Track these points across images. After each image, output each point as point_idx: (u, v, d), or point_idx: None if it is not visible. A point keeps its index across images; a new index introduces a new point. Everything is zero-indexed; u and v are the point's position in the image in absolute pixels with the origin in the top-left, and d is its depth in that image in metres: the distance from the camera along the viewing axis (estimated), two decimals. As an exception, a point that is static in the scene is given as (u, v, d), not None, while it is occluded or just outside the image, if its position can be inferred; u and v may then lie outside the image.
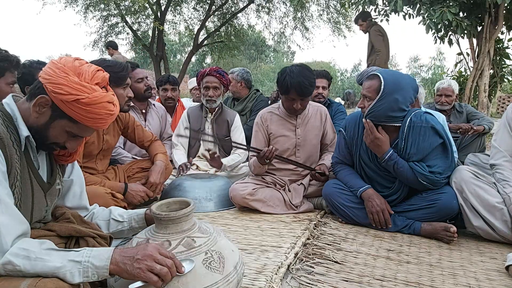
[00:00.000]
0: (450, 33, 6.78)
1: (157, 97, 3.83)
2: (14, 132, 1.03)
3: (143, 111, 3.01)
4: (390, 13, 6.80)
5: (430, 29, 6.17)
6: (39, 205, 1.11)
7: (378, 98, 1.90)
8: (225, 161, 2.82)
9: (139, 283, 0.95)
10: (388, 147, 1.97)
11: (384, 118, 1.94)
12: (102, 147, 2.16)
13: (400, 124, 1.97)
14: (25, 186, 1.05)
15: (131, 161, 2.50)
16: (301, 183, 2.47)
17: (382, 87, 1.89)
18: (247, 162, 3.01)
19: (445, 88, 3.40)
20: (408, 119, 1.95)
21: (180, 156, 2.92)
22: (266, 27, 13.46)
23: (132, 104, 2.91)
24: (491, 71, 6.89)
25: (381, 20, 6.92)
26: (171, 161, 3.01)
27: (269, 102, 3.67)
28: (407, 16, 6.84)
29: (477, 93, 6.81)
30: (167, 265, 0.95)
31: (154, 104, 3.10)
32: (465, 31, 6.08)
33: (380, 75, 1.92)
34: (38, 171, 1.11)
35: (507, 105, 12.44)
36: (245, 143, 2.99)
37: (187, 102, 4.76)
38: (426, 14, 6.05)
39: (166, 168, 2.38)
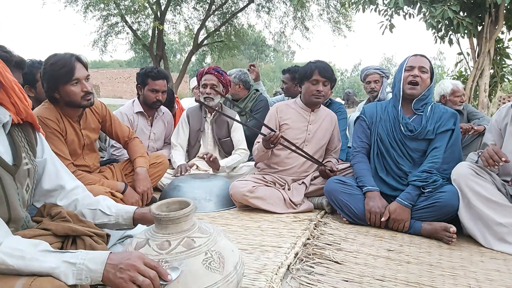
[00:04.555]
0: (450, 32, 6.77)
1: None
2: None
3: (150, 117, 3.01)
4: (393, 15, 6.77)
5: (431, 27, 6.16)
6: (11, 190, 1.07)
7: (432, 76, 2.14)
8: (223, 162, 2.82)
9: None
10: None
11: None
12: (84, 142, 2.14)
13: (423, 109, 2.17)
14: None
15: (126, 160, 2.50)
16: (303, 182, 2.48)
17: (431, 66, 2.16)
18: (247, 162, 3.02)
19: (460, 88, 3.38)
20: (431, 104, 2.18)
21: (178, 157, 2.92)
22: (266, 26, 13.50)
23: (141, 110, 2.91)
24: (492, 71, 6.88)
25: (386, 26, 6.88)
26: (170, 160, 3.01)
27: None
28: (407, 16, 6.83)
29: (478, 93, 6.80)
30: (150, 276, 0.93)
31: (163, 112, 3.10)
32: (466, 30, 6.08)
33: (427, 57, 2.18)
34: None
35: (496, 112, 12.49)
36: (245, 144, 2.99)
37: (187, 102, 4.76)
38: (427, 12, 6.05)
39: (158, 163, 2.46)
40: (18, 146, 1.13)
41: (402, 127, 2.14)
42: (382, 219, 2.02)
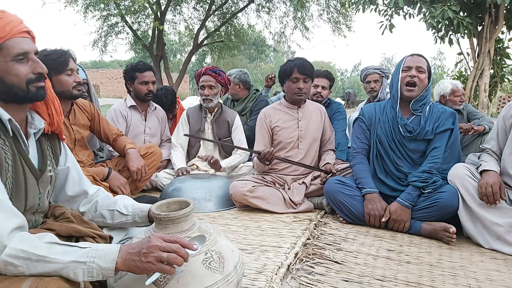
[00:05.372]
0: (450, 32, 6.77)
1: None
2: None
3: (144, 111, 3.02)
4: (393, 15, 6.78)
5: (431, 27, 6.17)
6: (32, 193, 1.10)
7: (429, 76, 2.12)
8: (224, 163, 2.82)
9: (155, 276, 0.94)
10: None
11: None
12: (75, 137, 2.19)
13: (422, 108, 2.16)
14: (17, 174, 1.04)
15: (119, 156, 2.51)
16: (303, 182, 2.48)
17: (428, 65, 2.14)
18: (248, 162, 3.02)
19: (459, 88, 3.37)
20: (430, 104, 2.16)
21: (179, 158, 2.92)
22: (266, 26, 13.49)
23: (134, 104, 2.93)
24: (492, 71, 6.88)
25: (386, 26, 6.88)
26: (169, 160, 3.01)
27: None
28: (407, 16, 6.83)
29: (478, 93, 6.81)
30: (173, 249, 0.94)
31: (155, 107, 3.11)
32: (466, 30, 6.09)
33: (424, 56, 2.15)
34: (29, 156, 1.10)
35: (505, 107, 12.51)
36: (246, 144, 2.99)
37: (190, 101, 4.75)
38: (427, 12, 6.06)
39: (151, 153, 2.48)
40: (45, 154, 1.18)
41: (400, 128, 2.13)
42: (383, 219, 2.02)
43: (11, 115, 1.04)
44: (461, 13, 6.24)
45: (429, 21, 6.05)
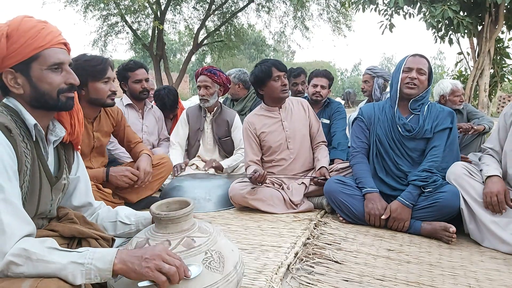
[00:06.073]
0: (450, 32, 6.77)
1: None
2: (23, 126, 1.06)
3: (140, 110, 3.03)
4: (393, 14, 6.78)
5: (431, 27, 6.17)
6: (45, 199, 1.12)
7: (430, 77, 2.13)
8: (225, 164, 2.82)
9: (146, 283, 0.94)
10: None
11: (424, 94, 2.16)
12: (94, 144, 2.16)
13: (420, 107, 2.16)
14: (34, 179, 1.06)
15: (130, 162, 2.50)
16: (302, 182, 2.48)
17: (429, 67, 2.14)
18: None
19: (459, 88, 3.38)
20: (428, 103, 2.17)
21: (176, 156, 2.92)
22: (266, 26, 13.47)
23: (131, 102, 2.94)
24: (492, 70, 6.88)
25: (386, 26, 6.87)
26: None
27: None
28: (407, 16, 6.83)
29: (478, 92, 6.80)
30: (176, 265, 0.95)
31: (152, 106, 3.11)
32: (466, 30, 6.08)
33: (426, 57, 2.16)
34: (47, 163, 1.12)
35: (508, 104, 12.53)
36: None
37: (192, 101, 4.76)
38: (427, 12, 6.06)
39: (161, 164, 2.44)
40: (62, 161, 1.21)
41: (399, 128, 2.13)
42: (383, 217, 2.02)
43: (36, 121, 1.07)
44: (461, 13, 6.23)
45: (429, 20, 6.05)
